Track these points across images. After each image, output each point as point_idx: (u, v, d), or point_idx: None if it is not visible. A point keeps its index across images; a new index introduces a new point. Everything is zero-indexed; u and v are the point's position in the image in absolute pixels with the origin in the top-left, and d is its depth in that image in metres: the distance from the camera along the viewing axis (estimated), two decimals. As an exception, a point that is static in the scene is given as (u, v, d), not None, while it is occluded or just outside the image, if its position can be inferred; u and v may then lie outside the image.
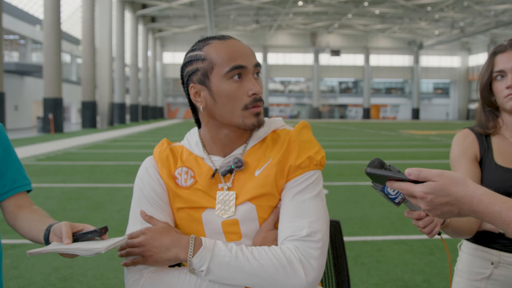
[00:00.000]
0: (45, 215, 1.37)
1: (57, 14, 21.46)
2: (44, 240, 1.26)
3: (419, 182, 0.92)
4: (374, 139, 19.57)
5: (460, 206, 0.90)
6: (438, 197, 0.90)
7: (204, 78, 1.17)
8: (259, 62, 1.19)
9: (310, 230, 1.10)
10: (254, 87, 1.14)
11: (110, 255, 4.03)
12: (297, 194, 1.15)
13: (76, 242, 1.18)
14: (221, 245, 1.10)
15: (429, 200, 0.91)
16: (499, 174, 1.51)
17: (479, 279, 1.55)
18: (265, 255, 1.08)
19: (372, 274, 3.61)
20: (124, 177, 8.61)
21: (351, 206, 6.11)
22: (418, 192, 0.91)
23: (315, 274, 1.08)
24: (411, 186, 0.92)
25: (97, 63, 29.53)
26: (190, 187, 1.21)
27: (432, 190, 0.90)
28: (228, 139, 1.21)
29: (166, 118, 55.55)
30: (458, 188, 0.90)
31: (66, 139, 18.02)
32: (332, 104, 57.84)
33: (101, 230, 1.19)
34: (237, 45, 1.17)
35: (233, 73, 1.14)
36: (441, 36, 50.86)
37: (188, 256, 1.08)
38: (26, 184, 1.45)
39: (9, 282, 3.42)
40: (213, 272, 1.07)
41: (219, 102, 1.16)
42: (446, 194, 0.90)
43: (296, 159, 1.16)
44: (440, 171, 0.91)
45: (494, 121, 1.58)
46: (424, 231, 1.26)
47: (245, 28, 48.64)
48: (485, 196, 0.89)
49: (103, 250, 1.10)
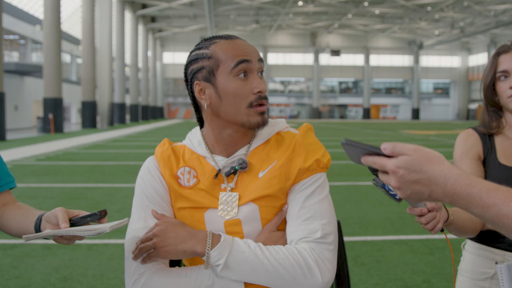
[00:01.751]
0: (32, 209, 1.33)
1: (57, 14, 21.46)
2: (35, 230, 1.23)
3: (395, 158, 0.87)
4: (374, 139, 19.57)
5: (432, 187, 0.83)
6: (410, 172, 0.83)
7: (209, 76, 1.17)
8: (262, 59, 1.20)
9: (323, 232, 1.11)
10: (260, 85, 1.15)
11: (110, 255, 4.03)
12: (308, 197, 1.15)
13: (73, 227, 1.15)
14: (240, 241, 1.09)
15: (400, 176, 0.84)
16: (502, 174, 1.51)
17: (483, 279, 1.55)
18: (282, 254, 1.08)
19: (372, 274, 3.61)
20: (124, 177, 8.60)
21: (351, 206, 6.11)
22: (390, 165, 0.84)
23: (330, 275, 1.09)
24: (384, 160, 0.86)
25: (97, 63, 29.53)
26: (192, 187, 1.20)
27: (405, 164, 0.83)
28: (232, 139, 1.20)
29: (166, 118, 55.54)
30: (432, 166, 0.83)
31: (66, 139, 18.02)
32: (332, 104, 57.85)
33: (100, 213, 1.16)
34: (243, 43, 1.18)
35: (239, 68, 1.14)
36: (441, 36, 50.87)
37: (206, 249, 1.07)
38: (10, 181, 1.41)
39: (9, 282, 3.42)
40: (231, 267, 1.06)
41: (225, 99, 1.16)
42: (419, 171, 0.83)
43: (305, 161, 1.17)
44: (416, 146, 0.85)
45: (498, 121, 1.58)
46: (427, 228, 1.26)
47: (245, 28, 48.64)
48: (461, 177, 0.82)
49: (108, 229, 1.07)
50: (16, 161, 10.94)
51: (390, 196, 1.03)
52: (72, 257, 3.98)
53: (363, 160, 0.91)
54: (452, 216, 1.41)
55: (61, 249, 4.18)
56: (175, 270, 1.12)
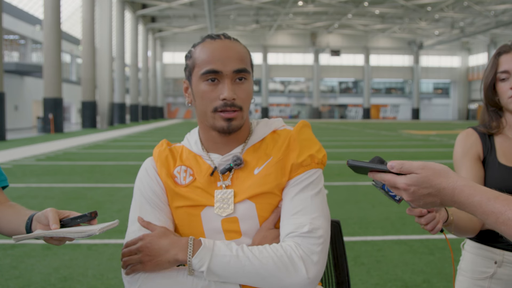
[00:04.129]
0: (24, 208, 1.33)
1: (57, 14, 21.46)
2: (26, 230, 1.22)
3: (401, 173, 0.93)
4: (374, 139, 19.56)
5: (442, 197, 0.92)
6: (420, 188, 0.92)
7: (189, 75, 1.21)
8: (243, 68, 1.16)
9: (311, 226, 1.11)
10: (226, 92, 1.13)
11: (110, 255, 4.03)
12: (299, 192, 1.15)
13: (63, 228, 1.14)
14: (221, 244, 1.09)
15: (412, 192, 0.92)
16: (502, 174, 1.51)
17: (483, 278, 1.55)
18: (266, 253, 1.08)
19: (372, 274, 3.61)
20: (124, 177, 8.60)
21: (351, 206, 6.11)
22: (401, 184, 0.93)
23: (317, 270, 1.08)
24: (393, 178, 0.94)
25: (97, 63, 29.52)
26: (189, 185, 1.21)
27: (415, 182, 0.91)
28: (217, 140, 1.21)
29: (166, 118, 55.54)
30: (440, 180, 0.91)
31: (66, 139, 18.01)
32: (332, 104, 57.84)
33: (91, 215, 1.15)
34: (223, 47, 1.16)
35: (207, 76, 1.14)
36: (441, 36, 50.86)
37: (187, 257, 1.07)
38: (2, 180, 1.41)
39: (9, 282, 3.42)
40: (214, 272, 1.06)
41: (196, 100, 1.19)
42: (429, 186, 0.91)
43: (298, 157, 1.17)
44: (423, 163, 0.93)
45: (498, 121, 1.58)
46: (427, 228, 1.26)
47: (245, 28, 48.63)
48: (465, 187, 0.91)
49: (97, 231, 1.06)
50: (16, 161, 10.94)
51: (390, 197, 1.03)
52: (72, 257, 3.98)
53: (371, 176, 0.97)
54: (452, 216, 1.41)
55: (61, 249, 4.18)
56: (172, 270, 1.12)
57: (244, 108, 1.17)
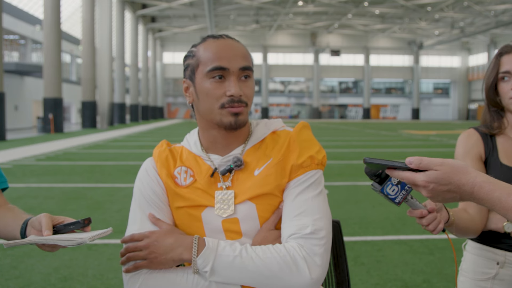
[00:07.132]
0: (22, 212, 1.33)
1: (57, 14, 21.46)
2: (20, 235, 1.22)
3: (419, 170, 0.93)
4: (374, 139, 19.56)
5: (462, 193, 0.93)
6: (440, 185, 0.92)
7: (192, 74, 1.20)
8: (248, 65, 1.17)
9: (314, 227, 1.11)
10: (233, 88, 1.14)
11: (110, 255, 4.03)
12: (300, 193, 1.15)
13: (56, 234, 1.14)
14: (225, 244, 1.09)
15: (431, 189, 0.93)
16: (504, 174, 1.50)
17: (485, 279, 1.54)
18: (269, 254, 1.08)
19: (372, 274, 3.61)
20: (124, 177, 8.60)
21: (351, 206, 6.11)
22: (420, 181, 0.93)
23: (320, 271, 1.08)
24: (412, 175, 0.94)
25: (97, 63, 29.52)
26: (189, 186, 1.21)
27: (434, 179, 0.92)
28: (220, 139, 1.21)
29: (166, 118, 55.54)
30: (459, 176, 0.92)
31: (66, 139, 18.01)
32: (332, 104, 57.83)
33: (84, 222, 1.15)
34: (228, 45, 1.17)
35: (213, 73, 1.14)
36: (441, 36, 50.85)
37: (192, 256, 1.08)
38: (2, 182, 1.40)
39: (9, 282, 3.42)
40: (217, 272, 1.07)
41: (201, 98, 1.18)
42: (448, 183, 0.92)
43: (298, 158, 1.17)
44: (442, 160, 0.93)
45: (499, 121, 1.58)
46: (428, 229, 1.25)
47: (245, 28, 48.63)
48: (485, 183, 0.91)
49: (88, 240, 1.06)
50: (16, 161, 10.94)
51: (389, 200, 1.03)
52: (72, 257, 3.98)
53: (389, 173, 0.97)
54: (453, 216, 1.40)
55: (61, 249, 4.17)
56: (173, 269, 1.12)
57: (249, 104, 1.19)
